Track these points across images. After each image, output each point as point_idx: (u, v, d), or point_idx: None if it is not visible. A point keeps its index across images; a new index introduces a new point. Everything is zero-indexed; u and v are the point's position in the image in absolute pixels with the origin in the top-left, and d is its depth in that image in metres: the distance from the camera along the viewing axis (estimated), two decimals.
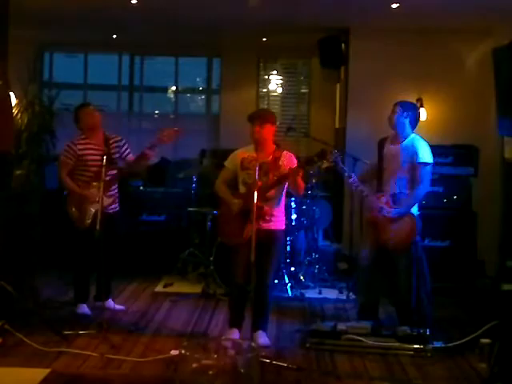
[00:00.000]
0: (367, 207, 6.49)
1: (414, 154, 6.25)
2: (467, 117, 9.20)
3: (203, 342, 5.86)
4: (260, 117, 6.07)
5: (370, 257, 6.43)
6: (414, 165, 6.25)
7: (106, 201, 6.73)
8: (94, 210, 6.69)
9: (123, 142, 7.07)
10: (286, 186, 6.01)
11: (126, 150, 7.05)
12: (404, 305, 6.41)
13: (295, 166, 5.89)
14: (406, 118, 6.32)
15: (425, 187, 6.30)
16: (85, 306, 6.91)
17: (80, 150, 6.85)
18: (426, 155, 6.28)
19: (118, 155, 6.98)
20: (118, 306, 7.14)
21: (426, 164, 6.27)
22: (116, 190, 7.06)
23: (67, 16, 9.36)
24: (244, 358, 4.36)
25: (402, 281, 6.36)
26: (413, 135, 6.39)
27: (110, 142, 6.96)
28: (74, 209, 6.85)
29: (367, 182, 6.52)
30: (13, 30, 8.37)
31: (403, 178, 6.30)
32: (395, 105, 6.40)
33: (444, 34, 9.19)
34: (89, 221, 6.75)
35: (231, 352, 4.54)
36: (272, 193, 5.94)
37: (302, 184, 5.94)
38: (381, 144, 6.54)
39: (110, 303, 7.06)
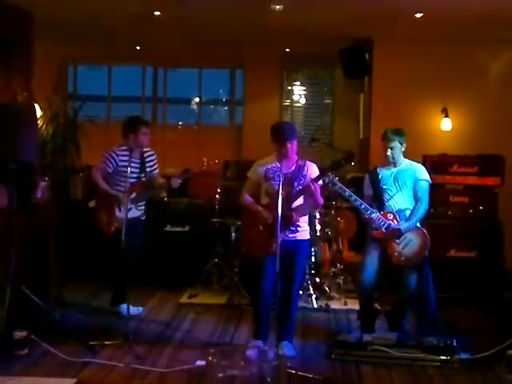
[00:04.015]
0: (371, 225, 6.44)
1: (415, 172, 6.38)
2: (493, 126, 9.14)
3: (229, 352, 5.89)
4: (288, 135, 6.03)
5: (374, 274, 6.39)
6: (416, 182, 6.35)
7: (136, 212, 7.08)
8: (120, 216, 6.81)
9: (155, 156, 7.33)
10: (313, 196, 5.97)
11: (155, 164, 7.31)
12: (399, 315, 6.50)
13: (317, 176, 5.89)
14: (401, 146, 6.37)
15: (426, 202, 6.37)
16: (125, 305, 6.88)
17: (121, 161, 7.03)
18: (425, 173, 6.43)
19: (149, 169, 7.25)
20: (134, 309, 7.14)
21: (426, 181, 6.40)
22: (144, 203, 7.28)
23: (91, 29, 9.43)
24: (270, 367, 4.34)
25: (406, 295, 6.41)
26: (405, 160, 6.48)
27: (145, 155, 7.21)
28: (102, 213, 6.95)
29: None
30: (37, 43, 8.48)
31: (406, 196, 6.35)
32: (389, 140, 6.36)
33: (469, 44, 9.15)
34: (114, 227, 6.86)
35: (257, 361, 4.53)
36: (299, 203, 5.92)
37: (319, 197, 5.93)
38: (373, 173, 6.53)
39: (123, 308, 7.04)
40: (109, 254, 6.93)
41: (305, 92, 12.07)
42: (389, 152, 6.34)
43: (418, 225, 6.36)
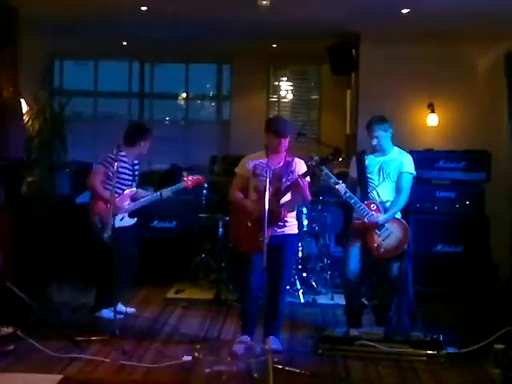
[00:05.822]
0: (355, 215, 6.45)
1: (400, 164, 6.37)
2: (479, 122, 9.16)
3: (216, 347, 5.88)
4: (285, 130, 6.00)
5: (357, 266, 6.39)
6: (400, 174, 6.35)
7: (129, 221, 7.04)
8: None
9: (140, 166, 7.19)
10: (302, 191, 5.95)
11: (138, 174, 7.18)
12: (385, 309, 6.49)
13: (305, 172, 5.87)
14: (387, 133, 6.37)
15: (407, 195, 6.38)
16: (108, 310, 6.82)
17: (121, 167, 6.75)
18: (410, 165, 6.42)
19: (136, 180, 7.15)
20: (129, 309, 7.14)
21: (409, 174, 6.40)
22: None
23: (77, 24, 9.38)
24: (257, 362, 4.32)
25: (389, 287, 6.42)
26: (395, 148, 6.49)
27: (135, 163, 7.06)
28: (96, 217, 6.82)
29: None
30: (23, 38, 8.43)
31: (389, 187, 6.37)
32: (373, 127, 6.36)
33: (455, 39, 9.16)
34: (107, 234, 6.70)
35: (244, 356, 4.51)
36: (287, 198, 5.91)
37: (307, 193, 5.90)
38: (360, 157, 6.54)
39: (121, 308, 7.01)
40: (98, 259, 6.90)
41: (292, 87, 12.08)
42: (374, 141, 6.36)
43: (399, 216, 6.38)
